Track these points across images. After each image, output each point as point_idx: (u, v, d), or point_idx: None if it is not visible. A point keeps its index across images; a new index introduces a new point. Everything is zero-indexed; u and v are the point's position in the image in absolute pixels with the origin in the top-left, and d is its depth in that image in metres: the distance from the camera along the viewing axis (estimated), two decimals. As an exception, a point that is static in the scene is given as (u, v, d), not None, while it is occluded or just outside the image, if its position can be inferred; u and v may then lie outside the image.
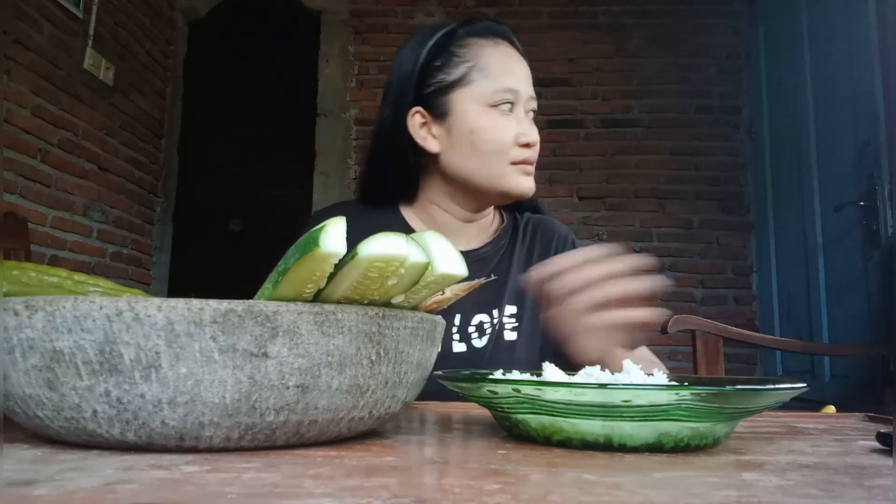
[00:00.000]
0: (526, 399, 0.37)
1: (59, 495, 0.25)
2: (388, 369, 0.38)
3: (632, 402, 0.35)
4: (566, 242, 0.95)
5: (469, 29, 0.87)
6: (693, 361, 1.41)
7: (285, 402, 0.34)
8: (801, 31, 2.59)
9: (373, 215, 0.89)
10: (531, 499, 0.26)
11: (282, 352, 0.33)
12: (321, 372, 0.34)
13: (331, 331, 0.34)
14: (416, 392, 0.43)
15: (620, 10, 3.29)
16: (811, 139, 2.49)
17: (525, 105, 0.86)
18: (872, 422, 0.60)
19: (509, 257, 0.91)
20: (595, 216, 3.17)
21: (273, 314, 0.33)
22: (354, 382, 0.36)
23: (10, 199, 2.19)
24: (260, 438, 0.35)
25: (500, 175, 0.84)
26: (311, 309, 0.34)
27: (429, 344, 0.41)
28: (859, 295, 2.09)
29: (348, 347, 0.35)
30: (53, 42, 2.39)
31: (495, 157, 0.83)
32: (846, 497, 0.28)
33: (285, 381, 0.34)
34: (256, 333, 0.33)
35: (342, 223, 0.35)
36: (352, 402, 0.36)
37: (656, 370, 0.46)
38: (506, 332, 0.86)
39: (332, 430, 0.37)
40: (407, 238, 0.36)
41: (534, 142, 0.84)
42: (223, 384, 0.33)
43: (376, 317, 0.36)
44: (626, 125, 3.22)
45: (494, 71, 0.84)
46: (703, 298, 3.09)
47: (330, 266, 0.35)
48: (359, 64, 3.36)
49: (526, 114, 0.86)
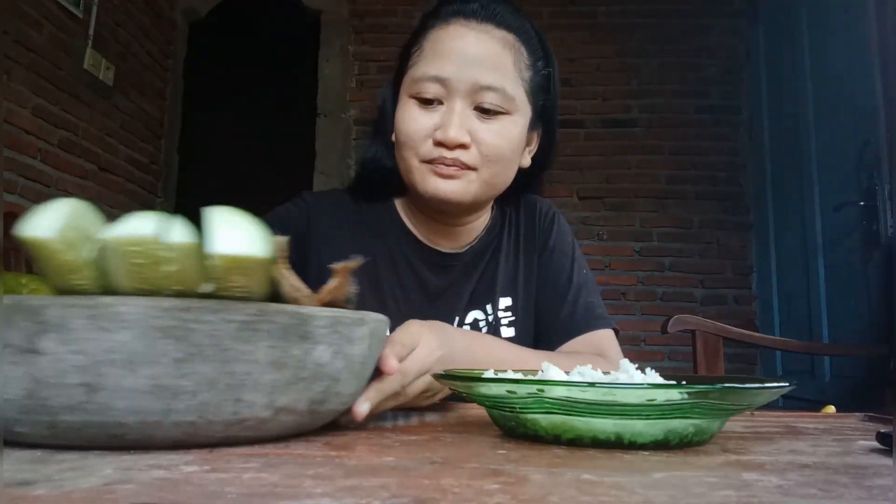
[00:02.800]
0: (546, 399, 0.37)
1: (58, 495, 0.25)
2: (210, 369, 0.33)
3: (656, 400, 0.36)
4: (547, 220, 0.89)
5: (436, 12, 0.78)
6: (693, 361, 1.41)
7: (74, 401, 0.31)
8: (801, 31, 2.59)
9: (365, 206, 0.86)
10: (531, 499, 0.26)
11: (55, 348, 0.31)
12: (106, 370, 0.31)
13: (110, 325, 0.31)
14: (305, 396, 0.37)
15: (620, 10, 3.29)
16: (811, 139, 2.49)
17: (468, 95, 0.72)
18: (872, 422, 0.60)
19: (498, 248, 0.87)
20: (595, 216, 3.17)
21: (40, 308, 0.30)
22: (157, 383, 0.32)
23: (10, 199, 2.19)
24: (70, 438, 0.33)
25: (410, 170, 0.75)
26: (85, 302, 0.31)
27: (298, 341, 0.35)
28: (859, 295, 2.09)
29: (136, 344, 0.31)
30: (53, 42, 2.39)
31: (405, 151, 0.75)
32: (846, 497, 0.28)
33: (66, 380, 0.31)
34: (25, 328, 0.30)
35: (62, 207, 0.32)
36: (164, 404, 0.32)
37: (648, 369, 0.47)
38: (503, 328, 0.83)
39: (166, 436, 0.34)
40: (162, 216, 0.33)
41: (447, 140, 0.71)
42: (8, 381, 0.31)
43: (175, 309, 0.31)
44: (626, 125, 3.22)
45: (427, 56, 0.75)
46: (703, 298, 3.09)
47: (51, 253, 0.32)
48: (359, 64, 3.36)
49: (471, 106, 0.73)
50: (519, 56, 0.76)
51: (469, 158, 0.73)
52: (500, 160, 0.75)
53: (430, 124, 0.73)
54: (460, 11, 0.75)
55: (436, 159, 0.73)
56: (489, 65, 0.73)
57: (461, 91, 0.72)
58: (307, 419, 0.39)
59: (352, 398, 0.44)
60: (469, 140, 0.72)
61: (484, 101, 0.72)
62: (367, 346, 0.41)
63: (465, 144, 0.72)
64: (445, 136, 0.71)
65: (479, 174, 0.74)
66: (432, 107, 0.74)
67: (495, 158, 0.74)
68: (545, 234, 0.89)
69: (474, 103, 0.73)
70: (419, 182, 0.75)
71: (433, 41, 0.75)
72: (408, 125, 0.74)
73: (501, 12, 0.76)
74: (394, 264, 0.83)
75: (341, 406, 0.42)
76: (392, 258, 0.83)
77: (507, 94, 0.73)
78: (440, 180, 0.73)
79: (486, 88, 0.72)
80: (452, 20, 0.75)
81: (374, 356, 0.44)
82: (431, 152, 0.73)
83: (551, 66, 0.81)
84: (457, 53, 0.73)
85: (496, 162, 0.74)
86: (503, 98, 0.73)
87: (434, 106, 0.74)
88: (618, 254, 3.14)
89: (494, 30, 0.75)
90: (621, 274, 3.12)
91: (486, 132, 0.73)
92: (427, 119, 0.73)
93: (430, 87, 0.73)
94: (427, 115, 0.73)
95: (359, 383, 0.43)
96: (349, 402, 0.43)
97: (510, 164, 0.77)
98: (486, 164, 0.74)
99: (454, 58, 0.73)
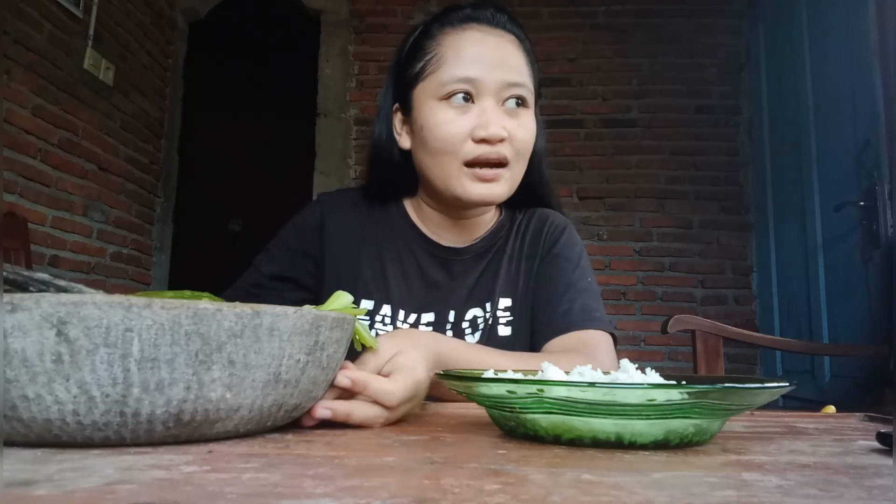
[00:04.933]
0: (546, 399, 0.37)
1: (59, 495, 0.25)
2: None
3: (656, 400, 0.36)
4: (557, 230, 0.91)
5: (444, 19, 0.82)
6: (693, 361, 1.42)
7: None
8: (801, 31, 2.59)
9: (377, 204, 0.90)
10: (531, 499, 0.26)
11: None
12: None
13: None
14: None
15: (620, 10, 3.29)
16: (811, 139, 2.49)
17: (496, 94, 0.77)
18: (872, 422, 0.60)
19: (503, 251, 0.89)
20: (595, 216, 3.17)
21: None
22: None
23: (10, 199, 2.19)
24: None
25: (450, 177, 0.77)
26: None
27: None
28: (859, 295, 2.09)
29: None
30: (53, 42, 2.39)
31: (444, 156, 0.77)
32: (846, 497, 0.28)
33: None
34: None
35: None
36: None
37: (648, 369, 0.47)
38: (500, 326, 0.85)
39: None
40: None
41: (490, 136, 0.75)
42: None
43: None
44: (626, 125, 3.22)
45: (450, 60, 0.78)
46: (703, 298, 3.09)
47: None
48: (359, 64, 3.36)
49: (500, 104, 0.77)
50: (527, 56, 0.82)
51: (508, 152, 0.77)
52: (528, 153, 0.80)
53: (468, 125, 0.76)
54: (474, 17, 0.80)
55: (479, 157, 0.76)
56: (511, 64, 0.78)
57: (491, 90, 0.77)
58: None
59: None
60: (507, 135, 0.76)
61: (511, 97, 0.78)
62: None
63: (505, 139, 0.76)
64: (489, 133, 0.75)
65: (510, 170, 0.78)
66: (465, 107, 0.77)
67: (525, 151, 0.80)
68: (551, 242, 0.90)
69: (501, 100, 0.78)
70: (459, 188, 0.77)
71: (453, 47, 0.79)
72: (446, 128, 0.76)
73: (506, 18, 0.82)
74: (399, 255, 0.88)
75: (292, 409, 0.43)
76: (397, 250, 0.88)
77: (529, 89, 0.79)
78: (483, 185, 0.77)
79: (512, 85, 0.77)
80: (468, 26, 0.80)
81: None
82: (474, 150, 0.76)
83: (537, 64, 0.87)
84: (482, 55, 0.77)
85: (525, 155, 0.80)
86: (528, 93, 0.79)
87: (466, 105, 0.77)
88: (618, 254, 3.14)
89: (505, 33, 0.80)
90: (621, 274, 3.12)
91: (517, 127, 0.78)
92: (464, 120, 0.76)
93: (457, 87, 0.76)
94: (463, 117, 0.76)
95: None
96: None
97: (529, 157, 0.82)
98: (518, 158, 0.79)
99: (481, 59, 0.77)
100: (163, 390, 0.35)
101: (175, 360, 0.35)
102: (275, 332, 0.38)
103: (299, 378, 0.41)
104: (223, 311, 0.36)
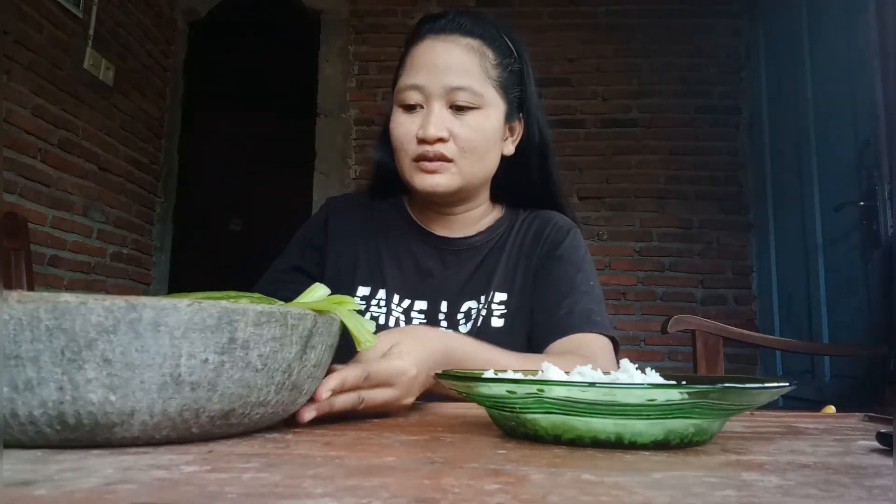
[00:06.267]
0: (546, 399, 0.37)
1: (59, 495, 0.25)
2: None
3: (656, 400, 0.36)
4: (559, 231, 0.93)
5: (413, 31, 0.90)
6: (693, 361, 1.41)
7: None
8: (801, 31, 2.59)
9: (379, 203, 0.98)
10: (531, 499, 0.26)
11: None
12: None
13: None
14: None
15: (620, 10, 3.29)
16: (811, 139, 2.49)
17: (443, 97, 0.83)
18: (872, 422, 0.60)
19: (501, 247, 0.93)
20: (595, 216, 3.17)
21: None
22: None
23: (10, 199, 2.19)
24: None
25: (405, 170, 0.87)
26: None
27: None
28: (859, 295, 2.09)
29: None
30: (53, 42, 2.39)
31: (399, 153, 0.87)
32: (846, 497, 0.28)
33: None
34: None
35: None
36: None
37: (648, 369, 0.47)
38: (493, 318, 0.87)
39: None
40: None
41: (426, 136, 0.82)
42: None
43: None
44: (626, 125, 3.22)
45: (406, 70, 0.87)
46: (703, 298, 3.09)
47: None
48: (359, 64, 3.36)
49: (447, 106, 0.84)
50: (484, 58, 0.86)
51: (448, 151, 0.84)
52: (476, 150, 0.85)
53: (414, 126, 0.84)
54: (432, 28, 0.87)
55: (421, 155, 0.84)
56: (456, 69, 0.84)
57: (436, 94, 0.84)
58: None
59: None
60: (447, 135, 0.83)
61: (456, 99, 0.84)
62: None
63: (444, 138, 0.83)
64: (425, 133, 0.83)
65: (458, 165, 0.85)
66: (415, 112, 0.85)
67: (470, 149, 0.85)
68: (552, 243, 0.92)
69: (449, 103, 0.84)
70: (410, 179, 0.87)
71: (412, 56, 0.87)
72: (397, 130, 0.86)
73: (467, 23, 0.87)
74: (394, 243, 0.94)
75: None
76: (393, 239, 0.94)
77: (475, 91, 0.84)
78: (426, 175, 0.85)
79: (456, 89, 0.83)
80: (426, 36, 0.87)
81: None
82: (417, 149, 0.84)
83: (522, 62, 0.91)
84: (429, 63, 0.85)
85: (471, 152, 0.85)
86: (472, 95, 0.84)
87: (416, 111, 0.85)
88: (618, 254, 3.14)
89: (460, 38, 0.86)
90: (621, 274, 3.12)
91: (461, 127, 0.84)
92: (411, 122, 0.85)
93: (410, 95, 0.85)
94: (410, 119, 0.85)
95: None
96: None
97: (486, 153, 0.87)
98: (463, 154, 0.85)
99: (427, 67, 0.85)
100: (33, 390, 0.33)
101: (39, 357, 0.32)
102: (161, 327, 0.34)
103: (215, 381, 0.36)
104: (88, 305, 0.33)
